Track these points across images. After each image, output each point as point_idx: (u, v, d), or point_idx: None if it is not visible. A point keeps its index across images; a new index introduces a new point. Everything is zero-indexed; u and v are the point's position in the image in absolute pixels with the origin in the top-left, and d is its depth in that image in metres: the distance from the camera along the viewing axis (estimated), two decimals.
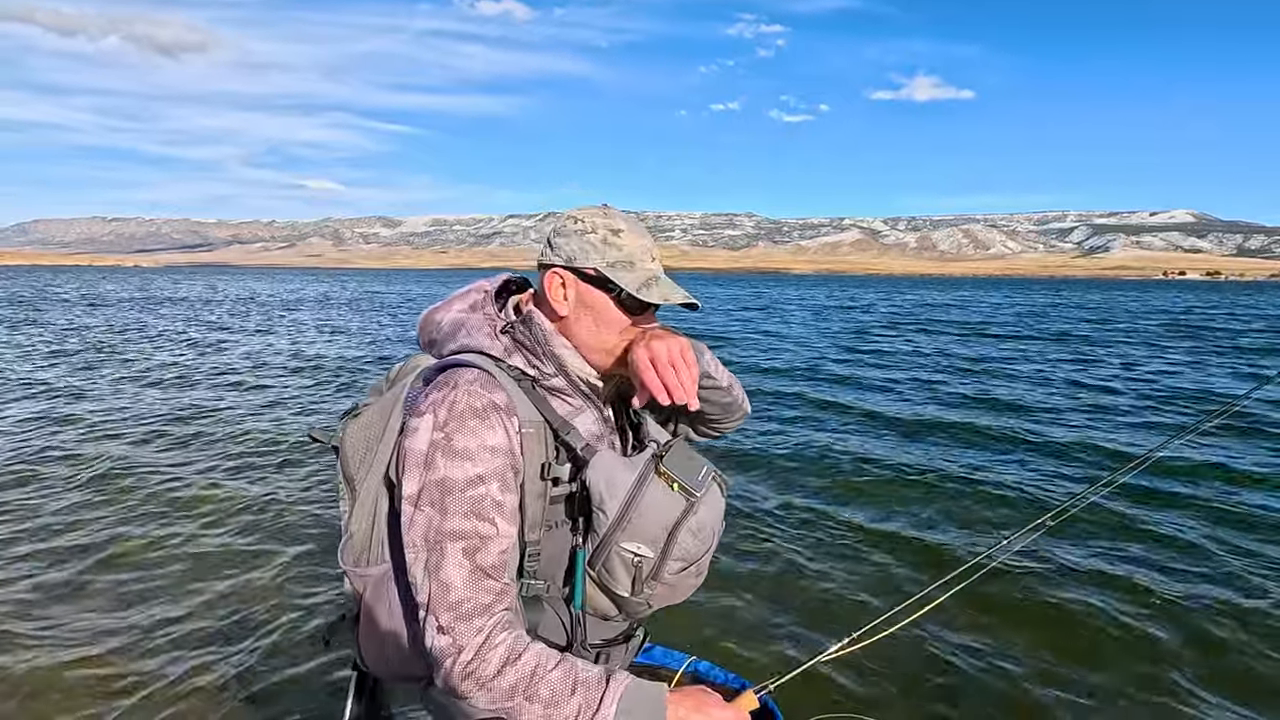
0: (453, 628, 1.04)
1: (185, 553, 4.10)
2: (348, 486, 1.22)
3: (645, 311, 1.22)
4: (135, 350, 13.84)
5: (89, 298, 33.95)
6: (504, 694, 1.02)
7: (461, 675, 1.03)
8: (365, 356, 13.91)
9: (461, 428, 1.07)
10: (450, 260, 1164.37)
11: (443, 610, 1.04)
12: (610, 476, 1.13)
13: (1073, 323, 26.31)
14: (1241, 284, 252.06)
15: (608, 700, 1.03)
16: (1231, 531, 4.62)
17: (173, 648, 3.11)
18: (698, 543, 1.16)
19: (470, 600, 1.04)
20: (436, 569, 1.05)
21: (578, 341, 1.22)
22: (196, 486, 5.25)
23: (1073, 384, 11.31)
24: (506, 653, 1.04)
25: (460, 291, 1.30)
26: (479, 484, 1.06)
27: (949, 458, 6.52)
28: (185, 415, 7.79)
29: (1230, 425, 7.18)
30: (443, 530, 1.05)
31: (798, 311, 32.57)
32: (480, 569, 1.06)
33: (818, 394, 10.03)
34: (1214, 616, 3.50)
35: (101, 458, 5.92)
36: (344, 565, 1.23)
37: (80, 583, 3.70)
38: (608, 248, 1.19)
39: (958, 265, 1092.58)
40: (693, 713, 1.09)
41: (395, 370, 1.32)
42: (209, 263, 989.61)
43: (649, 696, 1.06)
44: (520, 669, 1.03)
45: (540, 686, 1.02)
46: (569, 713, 1.02)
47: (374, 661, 1.24)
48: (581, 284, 1.20)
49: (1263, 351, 16.46)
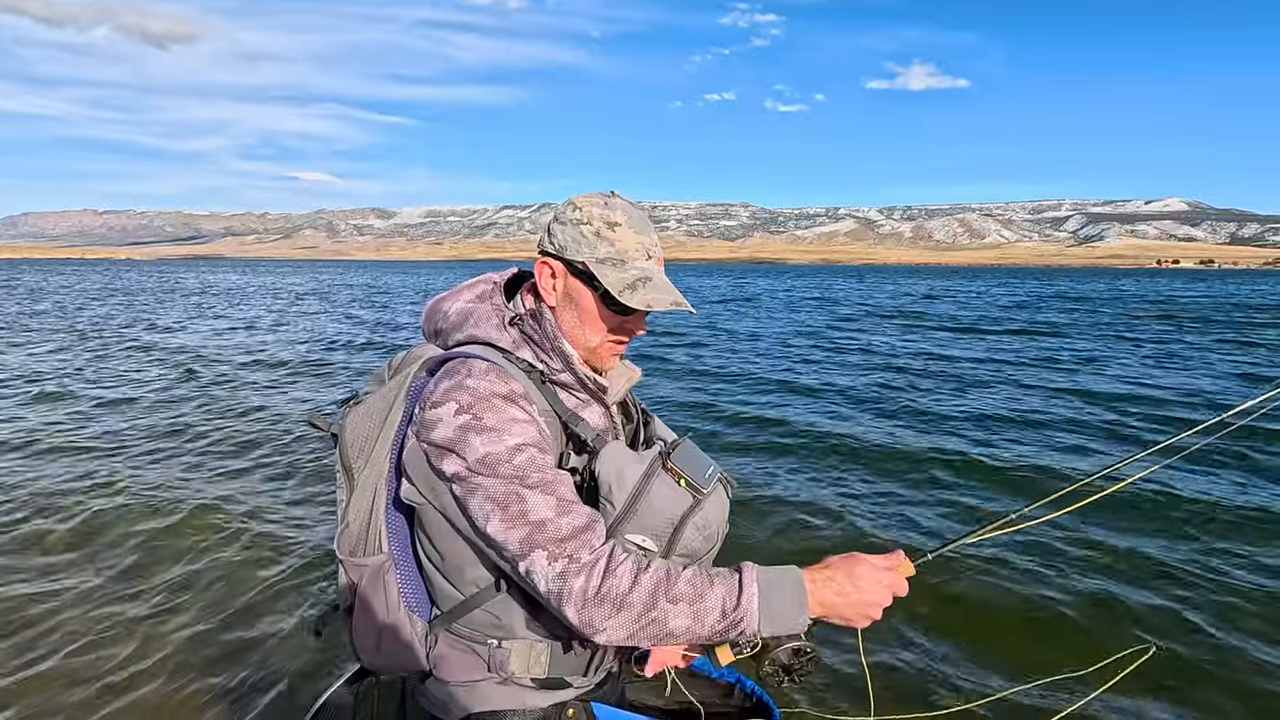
0: (565, 551, 1.00)
1: (177, 540, 4.09)
2: (345, 475, 1.20)
3: (633, 314, 1.17)
4: (109, 333, 13.78)
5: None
6: (645, 603, 0.99)
7: (596, 597, 0.98)
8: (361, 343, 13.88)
9: (488, 408, 1.05)
10: (445, 252, 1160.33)
11: (547, 542, 1.00)
12: (620, 468, 1.12)
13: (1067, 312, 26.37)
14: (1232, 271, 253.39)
15: (747, 581, 1.02)
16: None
17: (163, 637, 3.10)
18: (703, 539, 1.15)
19: (571, 524, 1.02)
20: (523, 515, 1.01)
21: (565, 333, 1.19)
22: (190, 473, 5.21)
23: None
24: (634, 564, 1.01)
25: (469, 282, 1.27)
26: (521, 450, 1.04)
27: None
28: (173, 403, 7.76)
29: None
30: (511, 488, 1.02)
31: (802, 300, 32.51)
32: (565, 500, 1.04)
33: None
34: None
35: (91, 451, 5.89)
36: (340, 554, 1.20)
37: (73, 571, 3.69)
38: (600, 241, 1.15)
39: (953, 255, 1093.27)
40: (846, 583, 1.05)
41: (398, 360, 1.29)
42: (202, 255, 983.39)
43: (785, 573, 1.05)
44: (654, 574, 1.01)
45: (680, 585, 1.00)
46: (715, 604, 1.00)
47: (368, 653, 1.21)
48: (570, 277, 1.17)
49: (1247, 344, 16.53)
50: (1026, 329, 18.99)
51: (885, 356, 13.25)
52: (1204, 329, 19.25)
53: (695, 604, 0.99)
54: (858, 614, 1.06)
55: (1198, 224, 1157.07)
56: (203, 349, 13.00)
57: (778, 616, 1.01)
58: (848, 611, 1.05)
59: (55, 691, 2.73)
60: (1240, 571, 3.87)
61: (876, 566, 1.09)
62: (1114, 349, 14.46)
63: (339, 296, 32.56)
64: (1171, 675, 2.90)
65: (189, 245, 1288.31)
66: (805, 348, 14.66)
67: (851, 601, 1.05)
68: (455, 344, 1.19)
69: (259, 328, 17.41)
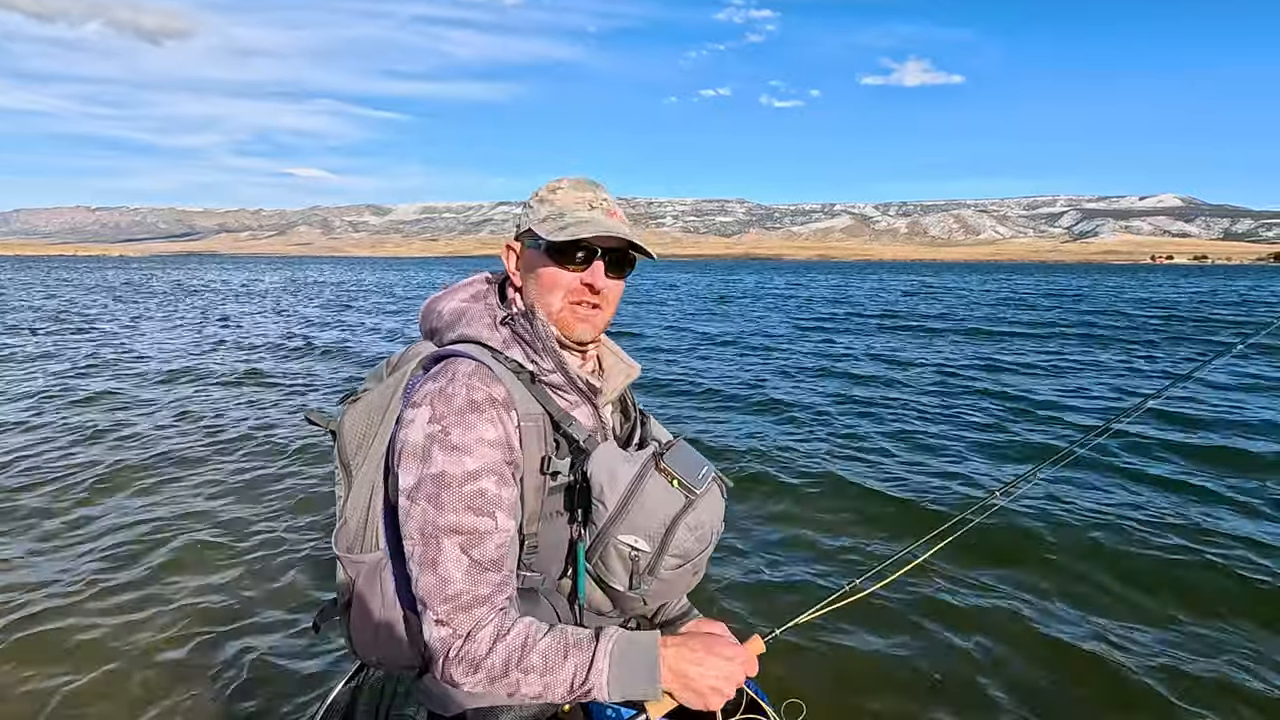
0: (451, 619, 1.04)
1: (177, 534, 4.14)
2: (344, 472, 1.21)
3: (586, 265, 1.18)
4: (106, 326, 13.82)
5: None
6: (499, 670, 1.03)
7: (456, 660, 1.03)
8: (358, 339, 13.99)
9: (459, 422, 1.06)
10: (441, 248, 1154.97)
11: (440, 603, 1.04)
12: (611, 468, 1.13)
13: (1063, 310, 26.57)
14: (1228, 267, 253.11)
15: (599, 655, 1.03)
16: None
17: (161, 632, 3.11)
18: (695, 540, 1.16)
19: (469, 593, 1.04)
20: (434, 563, 1.04)
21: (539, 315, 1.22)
22: (189, 469, 5.40)
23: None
24: (495, 630, 1.04)
25: (464, 281, 1.30)
26: (476, 479, 1.05)
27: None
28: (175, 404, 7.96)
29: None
30: (439, 525, 1.04)
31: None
32: (478, 563, 1.05)
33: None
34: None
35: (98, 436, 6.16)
36: (337, 551, 1.21)
37: (72, 564, 3.74)
38: (541, 205, 1.20)
39: (948, 251, 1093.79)
40: (702, 653, 1.08)
41: (397, 357, 1.30)
42: (196, 252, 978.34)
43: (640, 646, 1.06)
44: (510, 642, 1.03)
45: (532, 656, 1.03)
46: (565, 676, 1.02)
47: (366, 649, 1.22)
48: (524, 250, 1.22)
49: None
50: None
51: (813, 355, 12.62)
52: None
53: (545, 675, 1.02)
54: (709, 687, 1.07)
55: (1192, 220, 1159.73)
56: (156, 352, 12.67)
57: (628, 688, 1.04)
58: (701, 684, 1.06)
59: (46, 695, 2.69)
60: (1117, 621, 3.35)
61: (731, 643, 1.14)
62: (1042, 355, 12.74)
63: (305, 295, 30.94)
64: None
65: (183, 242, 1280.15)
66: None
67: (706, 673, 1.06)
68: (449, 343, 1.20)
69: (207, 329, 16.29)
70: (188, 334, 14.85)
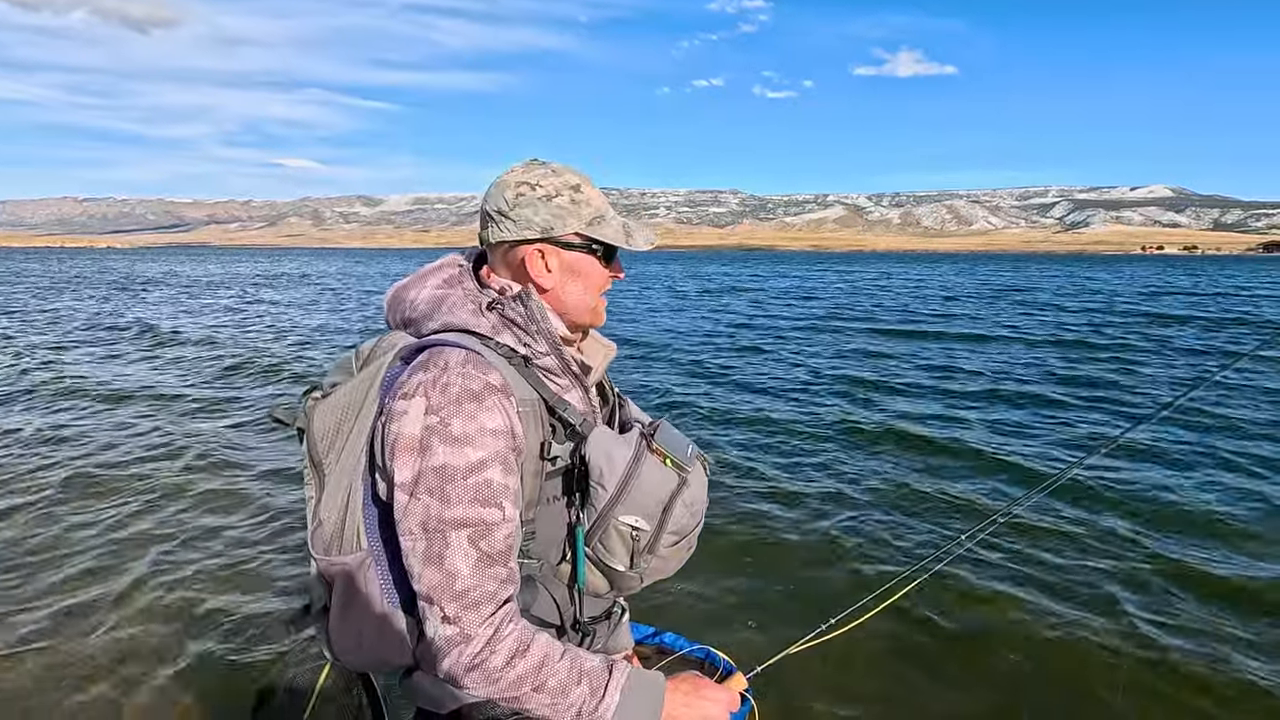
0: (460, 617, 1.02)
1: (148, 533, 4.19)
2: (315, 471, 1.16)
3: (615, 263, 1.25)
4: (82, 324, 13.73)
5: None
6: (511, 685, 1.03)
7: (468, 667, 1.02)
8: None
9: (458, 411, 1.03)
10: (433, 239, 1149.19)
11: (448, 600, 1.02)
12: (608, 451, 1.14)
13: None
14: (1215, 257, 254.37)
15: (611, 688, 1.06)
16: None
17: (134, 641, 3.11)
18: (690, 516, 1.20)
19: (478, 589, 1.03)
20: (440, 558, 1.02)
21: (565, 308, 1.21)
22: (162, 467, 5.50)
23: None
24: (515, 644, 1.03)
25: (431, 266, 1.24)
26: (481, 469, 1.03)
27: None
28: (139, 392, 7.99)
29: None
30: (445, 518, 1.02)
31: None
32: (487, 556, 1.03)
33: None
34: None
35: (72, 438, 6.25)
36: (314, 554, 1.16)
37: (47, 569, 3.75)
38: (578, 207, 1.18)
39: (941, 241, 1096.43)
40: (690, 696, 1.14)
41: (367, 349, 1.23)
42: (185, 243, 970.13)
43: (650, 683, 1.11)
44: (529, 660, 1.03)
45: (548, 678, 1.04)
46: (574, 701, 1.04)
47: (347, 652, 1.18)
48: (565, 252, 1.18)
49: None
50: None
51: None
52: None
53: (556, 697, 1.04)
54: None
55: (1182, 210, 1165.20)
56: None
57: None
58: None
59: (39, 697, 2.73)
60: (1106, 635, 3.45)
61: (713, 685, 1.20)
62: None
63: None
64: None
65: (171, 233, 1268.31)
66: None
67: (694, 716, 1.13)
68: (430, 333, 1.15)
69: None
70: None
